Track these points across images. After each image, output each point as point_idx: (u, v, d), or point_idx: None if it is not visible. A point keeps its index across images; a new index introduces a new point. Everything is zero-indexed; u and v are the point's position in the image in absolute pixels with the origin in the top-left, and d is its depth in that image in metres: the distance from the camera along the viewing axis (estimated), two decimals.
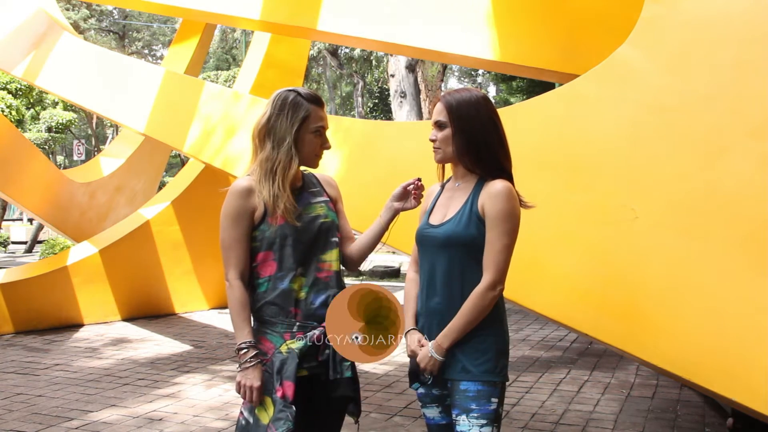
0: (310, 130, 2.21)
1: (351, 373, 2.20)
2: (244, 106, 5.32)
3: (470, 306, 2.08)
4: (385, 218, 2.32)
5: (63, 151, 29.94)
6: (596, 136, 3.25)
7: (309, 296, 2.18)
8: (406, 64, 15.88)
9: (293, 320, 2.16)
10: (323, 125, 2.24)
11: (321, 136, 2.25)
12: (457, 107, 2.15)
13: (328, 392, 2.19)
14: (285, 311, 2.16)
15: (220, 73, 28.29)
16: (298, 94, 2.22)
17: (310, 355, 2.16)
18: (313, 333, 2.15)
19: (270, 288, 2.18)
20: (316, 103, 2.23)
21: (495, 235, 2.08)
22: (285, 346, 2.14)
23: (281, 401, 2.08)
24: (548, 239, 3.26)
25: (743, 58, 2.93)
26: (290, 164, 2.17)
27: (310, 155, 2.24)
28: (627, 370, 5.66)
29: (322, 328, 2.16)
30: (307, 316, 2.17)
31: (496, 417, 2.10)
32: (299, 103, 2.20)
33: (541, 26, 4.63)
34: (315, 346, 2.16)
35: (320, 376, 2.19)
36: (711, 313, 2.84)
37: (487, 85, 34.36)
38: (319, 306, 2.19)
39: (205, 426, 4.29)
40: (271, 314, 2.17)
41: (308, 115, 2.20)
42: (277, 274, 2.17)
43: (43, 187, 9.22)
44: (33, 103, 19.00)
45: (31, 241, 18.32)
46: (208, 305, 8.96)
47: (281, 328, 2.16)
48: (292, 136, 2.18)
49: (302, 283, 2.18)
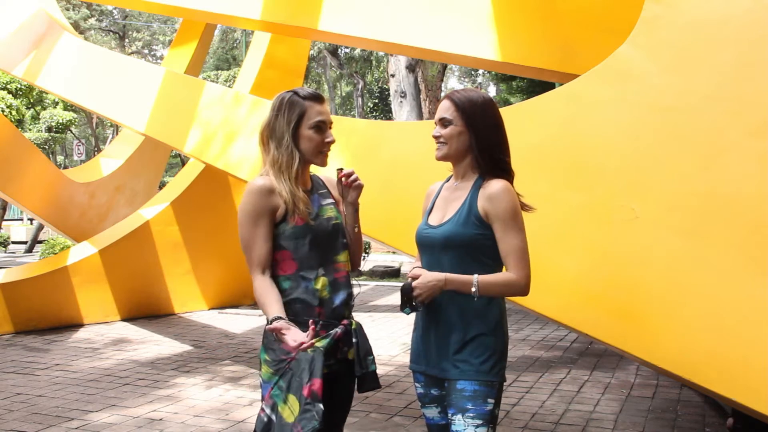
0: (308, 126, 2.22)
1: (375, 367, 2.28)
2: (246, 107, 5.32)
3: (503, 280, 2.08)
4: (350, 217, 2.34)
5: (63, 151, 29.92)
6: (596, 136, 3.25)
7: (331, 295, 2.22)
8: (406, 64, 15.87)
9: (317, 319, 2.18)
10: (323, 120, 2.24)
11: (322, 131, 2.25)
12: (469, 106, 2.16)
13: (348, 388, 2.28)
14: (310, 310, 2.19)
15: (220, 73, 28.29)
16: (296, 93, 2.25)
17: (330, 353, 2.19)
18: (336, 331, 2.19)
19: (293, 286, 2.20)
20: (314, 99, 2.25)
21: (510, 234, 2.09)
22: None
23: (307, 399, 2.08)
24: (548, 239, 3.26)
25: (743, 58, 2.92)
26: (292, 162, 2.20)
27: (314, 151, 2.24)
28: (627, 370, 5.66)
29: (342, 326, 2.21)
30: (329, 315, 2.21)
31: (492, 417, 2.10)
32: (295, 102, 2.23)
33: (541, 26, 4.63)
34: (335, 344, 2.20)
35: (339, 373, 2.23)
36: (711, 313, 2.84)
37: (487, 85, 34.36)
38: (340, 305, 2.23)
39: (205, 426, 4.29)
40: (295, 313, 2.18)
41: (304, 112, 2.22)
42: (298, 273, 2.19)
43: (43, 187, 9.22)
44: (33, 103, 19.01)
45: (31, 241, 18.30)
46: (207, 305, 8.96)
47: (305, 327, 2.18)
48: (289, 134, 2.21)
49: (325, 282, 2.21)
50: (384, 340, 6.97)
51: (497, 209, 2.09)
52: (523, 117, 3.52)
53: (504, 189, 2.11)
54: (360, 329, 2.29)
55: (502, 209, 2.09)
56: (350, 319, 2.27)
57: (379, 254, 15.20)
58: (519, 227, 2.10)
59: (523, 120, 3.47)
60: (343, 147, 4.31)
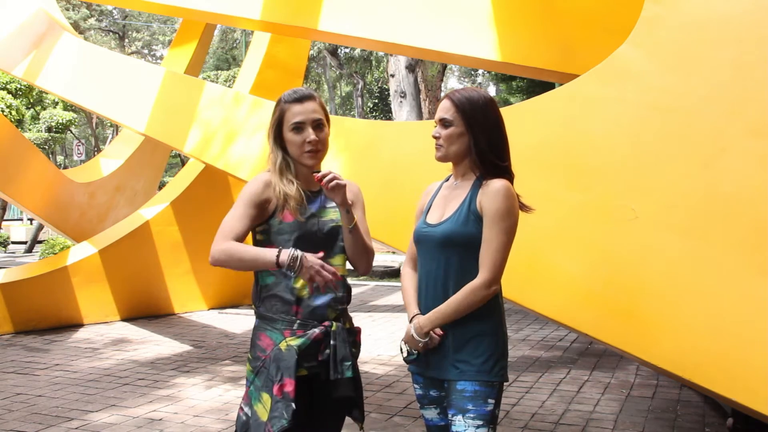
0: (288, 129, 2.24)
1: (352, 373, 2.20)
2: (246, 107, 5.32)
3: (460, 298, 2.08)
4: (342, 219, 2.27)
5: (63, 151, 29.92)
6: (596, 136, 3.25)
7: (311, 296, 2.18)
8: (406, 64, 15.87)
9: (294, 318, 2.17)
10: (301, 120, 2.21)
11: (301, 131, 2.22)
12: (469, 106, 2.15)
13: (328, 392, 2.19)
14: (287, 308, 2.18)
15: (220, 73, 28.29)
16: (282, 96, 2.28)
17: (310, 354, 2.15)
18: (314, 331, 2.16)
19: (276, 282, 2.20)
20: (294, 101, 2.24)
21: (493, 234, 2.08)
22: (284, 343, 2.14)
23: (278, 398, 2.08)
24: (548, 239, 3.26)
25: (743, 58, 2.93)
26: (283, 162, 2.24)
27: (297, 152, 2.24)
28: (627, 370, 5.66)
29: (323, 327, 2.17)
30: (307, 315, 2.17)
31: (493, 418, 2.09)
32: (276, 105, 2.28)
33: (541, 26, 4.63)
34: (315, 345, 2.16)
35: (320, 376, 2.18)
36: (711, 313, 2.84)
37: (487, 85, 34.35)
38: (321, 306, 2.19)
39: (205, 426, 4.29)
40: (273, 310, 2.19)
41: (283, 115, 2.25)
42: (282, 269, 2.16)
43: (43, 187, 9.22)
44: (33, 103, 19.02)
45: (31, 241, 18.30)
46: (207, 305, 8.95)
47: (281, 325, 2.17)
48: (272, 137, 2.27)
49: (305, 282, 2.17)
50: (384, 340, 6.97)
51: (491, 206, 2.08)
52: (523, 117, 3.52)
53: (504, 189, 2.10)
54: (341, 333, 2.19)
55: (495, 208, 2.08)
56: (338, 321, 2.21)
57: (379, 254, 15.18)
58: (505, 230, 2.08)
59: (523, 120, 3.47)
60: (343, 147, 4.31)
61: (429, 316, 2.12)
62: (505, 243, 2.08)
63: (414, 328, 2.13)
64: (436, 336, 2.11)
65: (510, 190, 2.12)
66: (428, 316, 2.12)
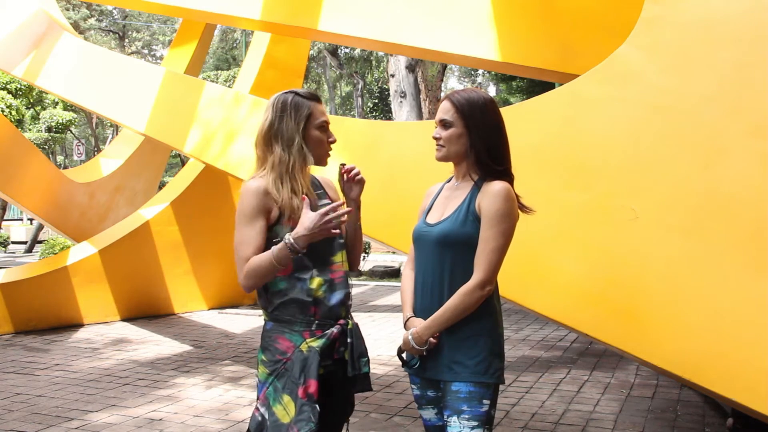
0: (315, 127, 2.24)
1: (368, 369, 2.26)
2: (246, 107, 5.32)
3: (455, 302, 2.08)
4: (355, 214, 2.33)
5: (63, 151, 29.91)
6: (596, 136, 3.25)
7: (327, 295, 2.20)
8: (406, 64, 15.87)
9: (312, 319, 2.18)
10: (327, 120, 2.28)
11: (326, 131, 2.28)
12: (468, 108, 2.15)
13: (346, 389, 2.25)
14: (304, 310, 2.18)
15: (220, 73, 28.25)
16: (297, 94, 2.25)
17: (327, 354, 2.18)
18: (332, 331, 2.19)
19: (289, 287, 2.19)
20: (315, 99, 2.28)
21: (490, 235, 2.07)
22: (305, 345, 2.16)
23: (303, 400, 2.09)
24: (548, 239, 3.26)
25: (743, 58, 2.93)
26: (305, 163, 2.22)
27: (321, 152, 2.27)
28: (627, 370, 5.66)
29: (339, 326, 2.20)
30: (325, 315, 2.20)
31: (488, 419, 2.09)
32: (300, 103, 2.23)
33: (541, 26, 4.63)
34: (331, 344, 2.19)
35: (336, 374, 2.22)
36: (711, 313, 2.84)
37: (487, 85, 34.35)
38: (336, 304, 2.22)
39: (205, 426, 4.29)
40: (290, 313, 2.19)
41: (311, 113, 2.23)
42: (293, 274, 2.18)
43: (43, 187, 9.22)
44: (33, 103, 19.01)
45: (31, 241, 18.30)
46: (207, 305, 8.95)
47: (300, 327, 2.18)
48: (300, 135, 2.20)
49: (320, 282, 2.20)
50: (384, 340, 6.97)
51: (490, 207, 2.08)
52: (523, 117, 3.52)
53: (504, 190, 2.10)
54: (356, 330, 2.27)
55: (494, 209, 2.07)
56: (347, 319, 2.26)
57: (379, 254, 15.20)
58: (503, 232, 2.07)
59: (523, 120, 3.47)
60: (343, 147, 4.30)
61: (426, 323, 2.11)
62: (501, 245, 2.08)
63: (412, 337, 2.12)
64: (434, 341, 2.11)
65: (510, 192, 2.11)
66: (426, 324, 2.11)
